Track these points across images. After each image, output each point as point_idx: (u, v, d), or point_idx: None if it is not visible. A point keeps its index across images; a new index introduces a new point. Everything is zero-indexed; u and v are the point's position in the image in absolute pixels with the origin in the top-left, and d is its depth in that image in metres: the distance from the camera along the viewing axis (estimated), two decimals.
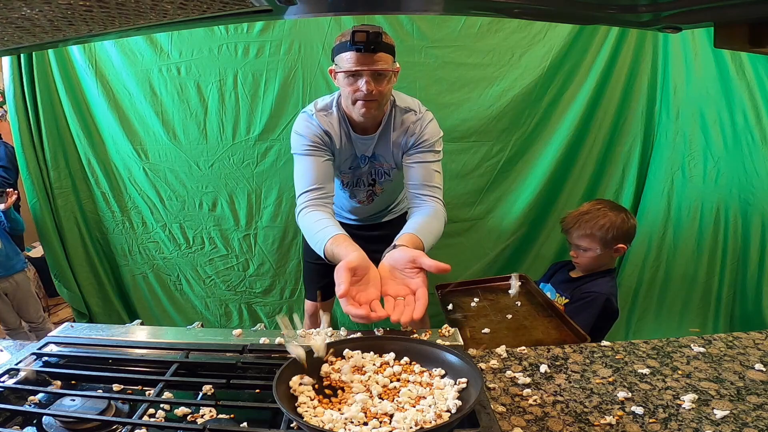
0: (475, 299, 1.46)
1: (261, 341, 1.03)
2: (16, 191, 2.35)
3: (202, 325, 1.18)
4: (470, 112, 2.17)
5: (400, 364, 0.84)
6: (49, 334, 1.07)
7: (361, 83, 1.31)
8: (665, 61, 2.14)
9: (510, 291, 1.50)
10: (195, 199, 2.32)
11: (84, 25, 0.55)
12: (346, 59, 1.31)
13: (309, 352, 0.80)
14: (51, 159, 2.31)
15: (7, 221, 2.34)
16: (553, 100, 2.19)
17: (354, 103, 1.36)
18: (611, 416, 0.84)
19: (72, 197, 2.40)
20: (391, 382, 0.80)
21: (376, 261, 1.04)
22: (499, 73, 2.14)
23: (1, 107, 3.28)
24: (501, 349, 1.07)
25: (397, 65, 1.37)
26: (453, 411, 0.70)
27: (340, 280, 0.91)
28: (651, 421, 0.83)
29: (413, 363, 0.85)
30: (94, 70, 2.20)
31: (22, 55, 2.15)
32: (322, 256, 1.19)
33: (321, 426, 0.68)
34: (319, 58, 2.13)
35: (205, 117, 2.21)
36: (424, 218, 1.33)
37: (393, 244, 1.14)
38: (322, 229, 1.22)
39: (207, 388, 0.89)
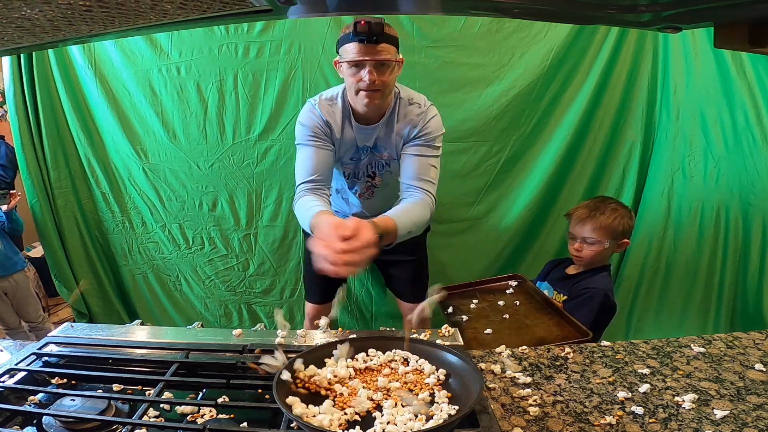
0: (474, 301, 1.46)
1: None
2: (19, 193, 2.36)
3: (202, 325, 1.19)
4: (470, 112, 2.16)
5: (401, 363, 0.84)
6: (49, 334, 1.08)
7: (364, 73, 1.33)
8: (665, 61, 2.13)
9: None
10: (195, 199, 2.32)
11: (84, 25, 0.55)
12: (350, 50, 1.33)
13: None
14: (51, 159, 2.31)
15: (8, 221, 2.34)
16: (553, 100, 2.19)
17: (357, 93, 1.37)
18: (611, 416, 0.84)
19: (72, 197, 2.39)
20: (391, 381, 0.80)
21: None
22: (499, 73, 2.14)
23: (1, 107, 3.28)
24: (501, 349, 1.07)
25: (401, 56, 1.38)
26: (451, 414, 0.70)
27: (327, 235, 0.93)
28: (651, 421, 0.83)
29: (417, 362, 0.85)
30: (94, 70, 2.19)
31: (22, 55, 2.15)
32: (309, 231, 1.20)
33: (321, 426, 0.68)
34: (319, 58, 2.12)
35: (205, 117, 2.20)
36: (406, 204, 1.33)
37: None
38: (311, 207, 1.24)
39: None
